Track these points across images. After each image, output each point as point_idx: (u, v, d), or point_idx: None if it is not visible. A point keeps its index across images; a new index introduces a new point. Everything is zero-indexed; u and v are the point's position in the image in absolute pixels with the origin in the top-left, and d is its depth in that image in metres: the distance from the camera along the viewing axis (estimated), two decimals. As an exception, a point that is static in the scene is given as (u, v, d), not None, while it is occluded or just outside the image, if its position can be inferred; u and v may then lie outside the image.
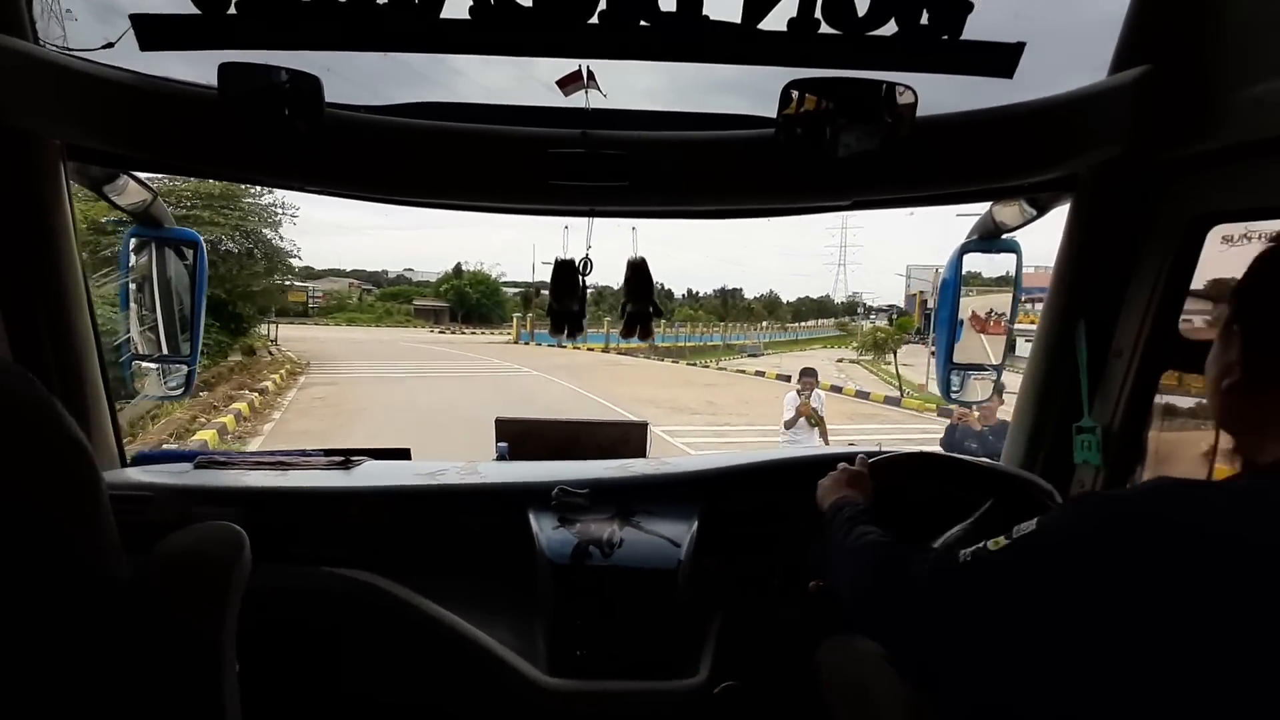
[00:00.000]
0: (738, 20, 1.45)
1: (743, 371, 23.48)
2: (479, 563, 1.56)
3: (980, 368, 2.13)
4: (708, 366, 28.10)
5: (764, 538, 1.59)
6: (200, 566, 0.71)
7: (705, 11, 1.44)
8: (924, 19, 1.42)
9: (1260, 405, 0.67)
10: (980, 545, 0.75)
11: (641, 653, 1.32)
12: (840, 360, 30.86)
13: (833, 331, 54.33)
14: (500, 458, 1.87)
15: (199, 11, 1.38)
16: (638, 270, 1.81)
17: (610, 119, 1.65)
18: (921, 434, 12.21)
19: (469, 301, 50.23)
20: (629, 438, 1.95)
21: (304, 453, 1.82)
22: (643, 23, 1.45)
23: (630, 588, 1.35)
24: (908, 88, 1.47)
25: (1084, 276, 1.61)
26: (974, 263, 2.15)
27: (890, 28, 1.43)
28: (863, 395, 18.31)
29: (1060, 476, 1.66)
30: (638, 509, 1.53)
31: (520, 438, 1.93)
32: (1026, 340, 1.97)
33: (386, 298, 55.59)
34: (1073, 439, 1.62)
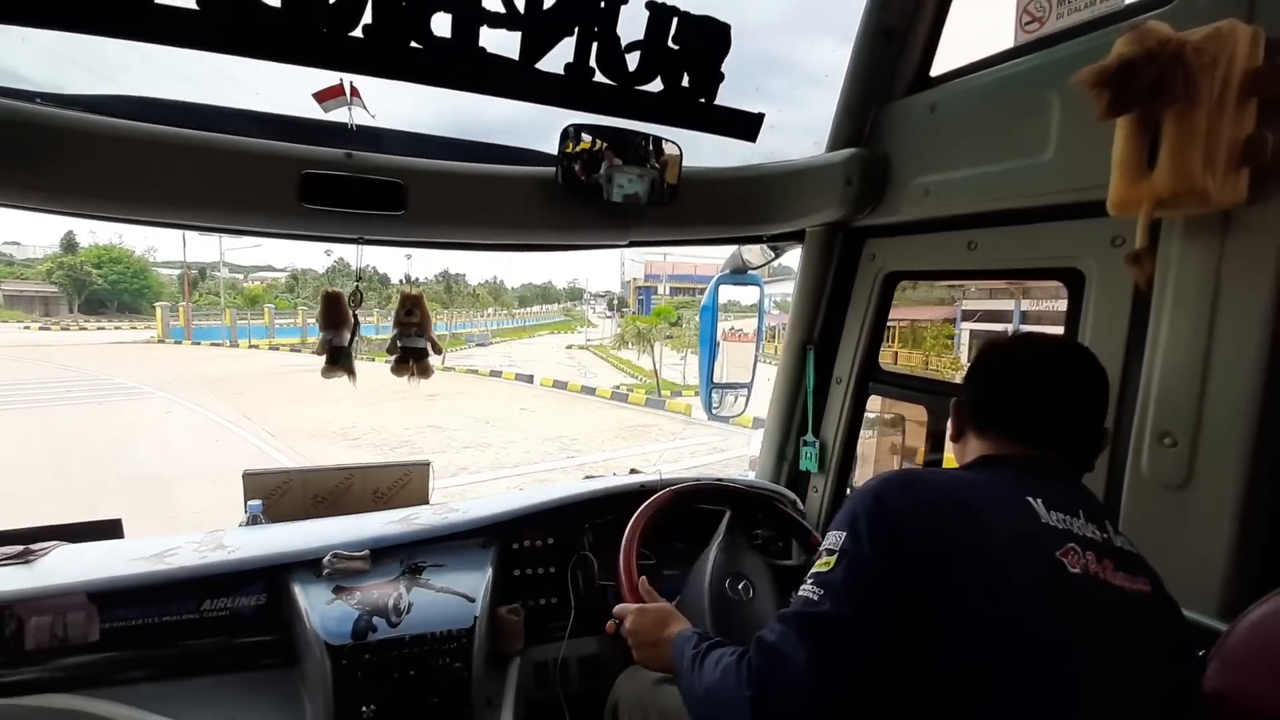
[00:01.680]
0: (515, 57, 1.44)
1: (475, 371, 18.44)
2: (232, 656, 1.30)
3: (736, 386, 2.41)
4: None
5: (560, 578, 1.58)
6: None
7: (483, 43, 1.41)
8: (685, 81, 1.58)
9: (964, 444, 0.98)
10: (808, 579, 0.81)
11: None
12: (570, 347, 28.99)
13: (559, 317, 53.03)
14: (252, 520, 1.58)
15: None
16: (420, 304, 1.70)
17: (380, 140, 1.53)
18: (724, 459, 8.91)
19: (90, 286, 37.69)
20: (410, 480, 1.80)
21: (-50, 546, 1.35)
22: (413, 44, 1.36)
23: (423, 656, 1.22)
24: (673, 142, 1.63)
25: (812, 314, 1.92)
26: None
27: (656, 85, 1.56)
28: (620, 397, 14.56)
29: (800, 484, 1.97)
30: (426, 565, 1.41)
31: (277, 492, 1.66)
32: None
33: None
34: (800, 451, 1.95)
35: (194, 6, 1.20)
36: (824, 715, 0.74)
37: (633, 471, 1.93)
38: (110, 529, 1.56)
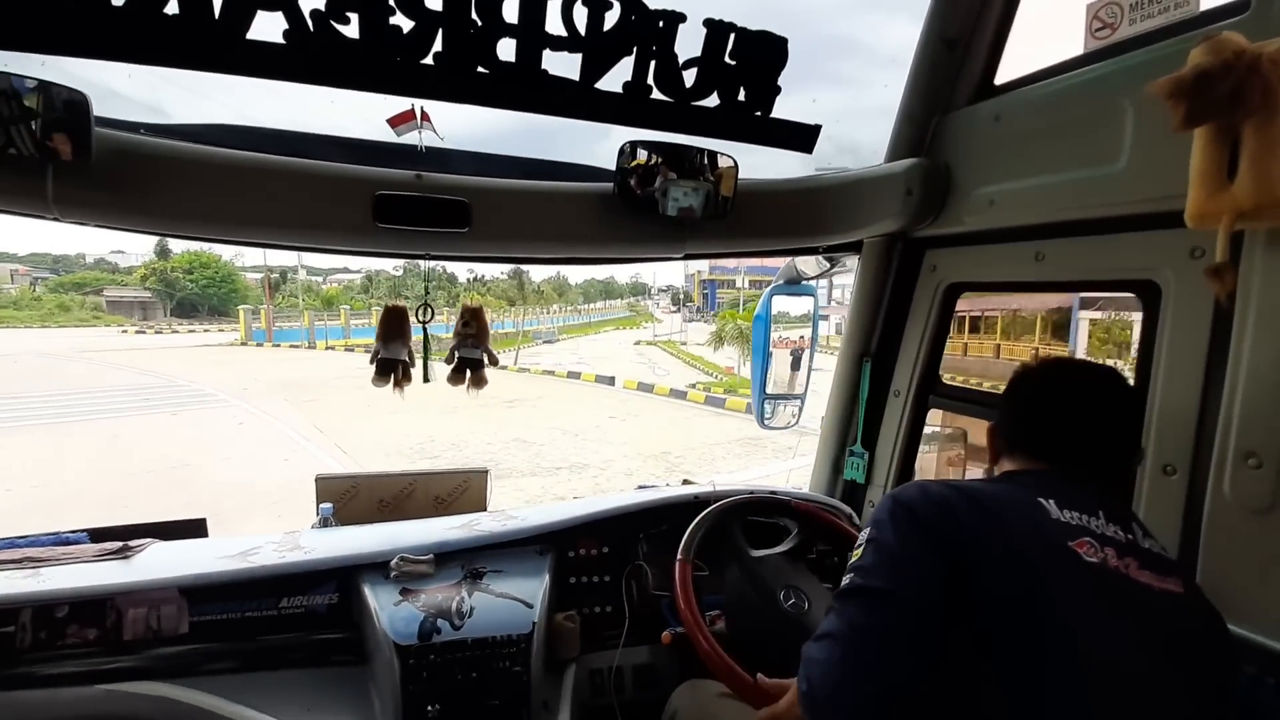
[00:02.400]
0: (576, 78, 1.48)
1: (551, 373, 18.11)
2: (307, 652, 1.37)
3: (788, 398, 2.40)
4: (503, 368, 22.51)
5: (615, 587, 1.61)
6: None
7: (545, 66, 1.46)
8: (741, 95, 1.59)
9: (998, 468, 1.02)
10: (845, 575, 0.85)
11: None
12: (638, 343, 29.21)
13: (623, 313, 52.77)
14: (324, 522, 1.66)
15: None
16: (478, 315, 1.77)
17: (447, 160, 1.61)
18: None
19: (180, 290, 38.84)
20: (469, 487, 1.86)
21: (61, 539, 1.47)
22: (480, 69, 1.43)
23: (484, 659, 1.26)
24: (729, 155, 1.65)
25: (869, 325, 1.90)
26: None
27: (713, 100, 1.58)
28: (715, 401, 13.58)
29: (857, 498, 1.94)
30: (487, 570, 1.45)
31: (346, 496, 1.75)
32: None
33: (64, 288, 40.89)
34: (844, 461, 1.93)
35: (280, 40, 1.29)
36: (869, 704, 0.76)
37: (685, 482, 1.94)
38: (196, 528, 1.67)
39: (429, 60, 1.38)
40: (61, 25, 1.19)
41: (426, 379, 1.66)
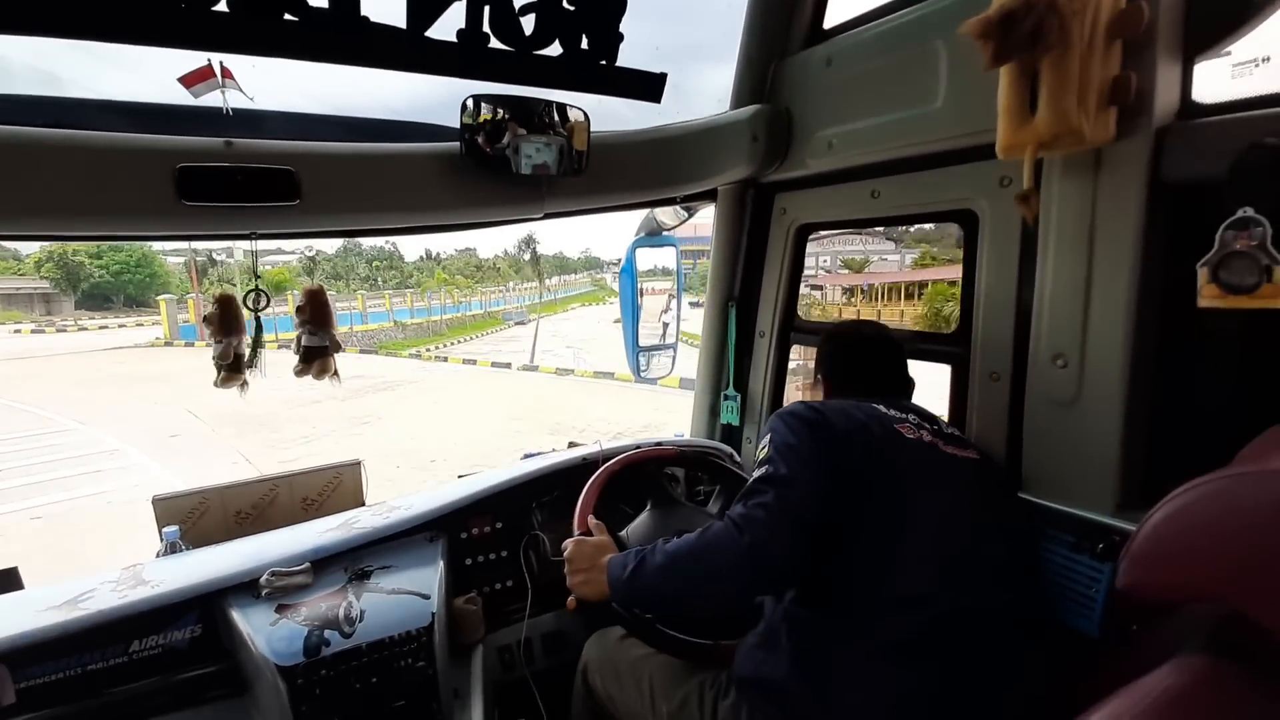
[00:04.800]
0: (402, 25, 1.35)
1: (534, 368, 16.01)
2: (171, 695, 1.21)
3: (661, 347, 2.44)
4: (472, 361, 18.18)
5: (514, 560, 1.58)
6: None
7: (365, 13, 1.31)
8: (584, 44, 1.54)
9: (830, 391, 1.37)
10: (753, 478, 1.06)
11: None
12: (617, 320, 27.71)
13: (587, 287, 50.90)
14: (171, 548, 1.46)
15: None
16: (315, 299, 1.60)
17: (263, 124, 1.41)
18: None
19: (85, 279, 32.23)
20: (341, 482, 1.71)
21: None
22: (288, 16, 1.25)
23: (384, 661, 1.19)
24: (579, 108, 1.59)
25: (730, 271, 1.97)
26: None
27: (556, 49, 1.51)
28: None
29: (734, 437, 2.04)
30: (374, 568, 1.36)
31: (194, 515, 1.54)
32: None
33: None
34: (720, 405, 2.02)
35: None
36: (797, 539, 0.99)
37: (571, 445, 1.93)
38: (7, 580, 1.40)
39: (222, 7, 1.19)
40: None
41: (251, 365, 1.49)
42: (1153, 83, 0.99)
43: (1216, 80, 1.06)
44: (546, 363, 17.11)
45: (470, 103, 1.48)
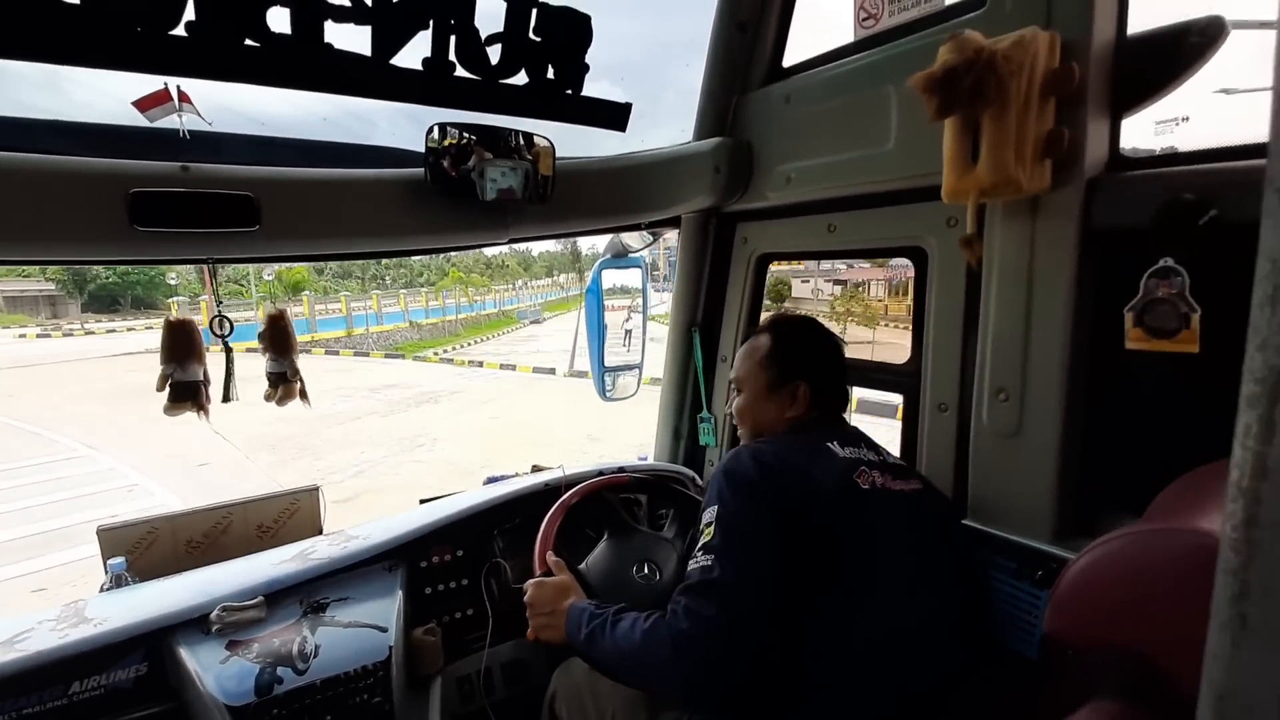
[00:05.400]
0: (367, 53, 1.35)
1: (581, 374, 14.54)
2: None
3: (627, 367, 2.46)
4: (511, 366, 16.89)
5: (475, 588, 1.57)
6: None
7: (329, 40, 1.31)
8: (550, 74, 1.56)
9: (795, 421, 1.25)
10: (697, 548, 1.01)
11: None
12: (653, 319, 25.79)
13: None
14: (116, 581, 1.41)
15: None
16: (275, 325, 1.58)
17: (221, 147, 1.39)
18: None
19: (92, 280, 31.21)
20: (298, 509, 1.68)
21: None
22: (249, 41, 1.24)
23: (338, 699, 1.17)
24: (544, 136, 1.61)
25: (694, 297, 2.00)
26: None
27: (522, 78, 1.53)
28: None
29: (697, 459, 2.07)
30: (329, 600, 1.34)
31: (141, 545, 1.49)
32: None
33: None
34: (698, 428, 2.05)
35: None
36: (741, 656, 0.94)
37: (535, 469, 1.93)
38: None
39: (180, 31, 1.18)
40: None
41: (226, 398, 1.46)
42: (1084, 137, 1.06)
43: (1142, 136, 1.14)
44: (579, 364, 15.98)
45: (436, 129, 1.49)
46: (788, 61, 1.69)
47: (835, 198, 1.56)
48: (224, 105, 1.36)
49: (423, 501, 1.73)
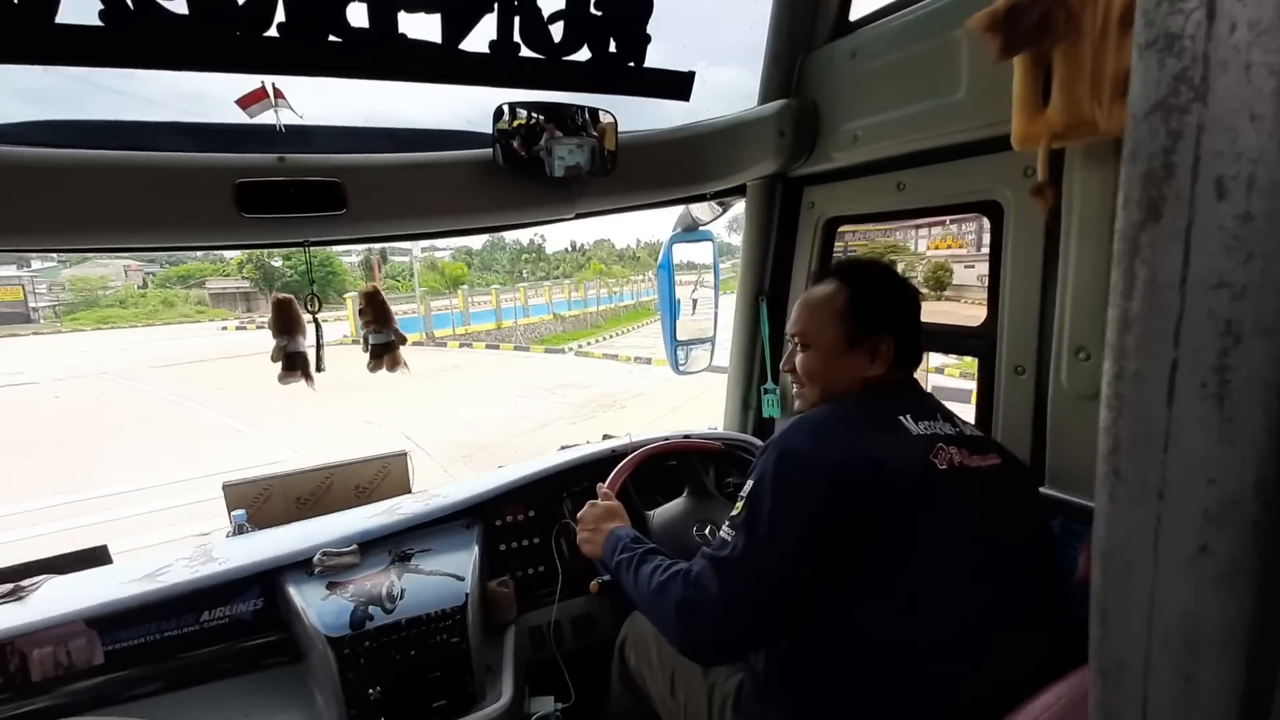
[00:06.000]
0: (438, 40, 1.43)
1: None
2: (237, 660, 1.35)
3: (700, 341, 2.47)
4: (648, 361, 15.20)
5: (545, 547, 1.66)
6: None
7: (402, 30, 1.40)
8: (612, 47, 1.58)
9: (876, 381, 1.12)
10: (730, 514, 0.99)
11: (444, 695, 1.30)
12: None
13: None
14: (238, 529, 1.61)
15: None
16: (373, 299, 1.71)
17: (312, 139, 1.52)
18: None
19: (278, 278, 33.00)
20: (390, 472, 1.84)
21: (-63, 592, 1.36)
22: (332, 38, 1.35)
23: (421, 636, 1.29)
24: (608, 111, 1.64)
25: (760, 265, 1.98)
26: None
27: (584, 54, 1.56)
28: None
29: (766, 430, 2.06)
30: (415, 551, 1.47)
31: (259, 500, 1.69)
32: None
33: (170, 282, 36.21)
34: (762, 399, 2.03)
35: (97, 23, 1.17)
36: (732, 635, 0.96)
37: (605, 437, 1.99)
38: (97, 556, 1.58)
39: (273, 33, 1.29)
40: None
41: (320, 369, 1.61)
42: None
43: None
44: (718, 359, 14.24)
45: (505, 108, 1.55)
46: (854, 15, 1.63)
47: (904, 154, 1.49)
48: (313, 98, 1.48)
49: (500, 467, 1.84)
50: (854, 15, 1.63)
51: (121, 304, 33.29)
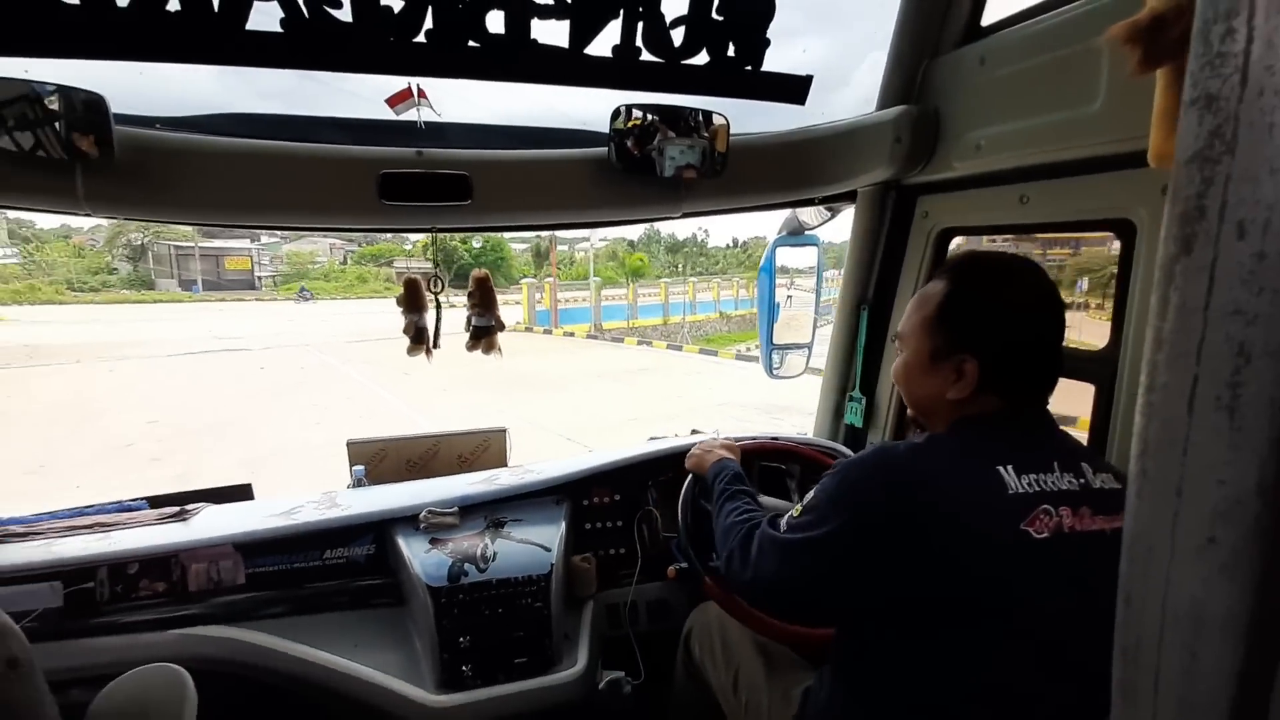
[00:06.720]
0: (565, 45, 1.52)
1: None
2: (350, 597, 1.52)
3: (796, 346, 2.45)
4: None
5: (628, 530, 1.73)
6: None
7: (534, 35, 1.50)
8: (730, 51, 1.61)
9: (963, 406, 0.96)
10: (790, 512, 1.00)
11: (525, 654, 1.40)
12: None
13: None
14: (358, 482, 1.81)
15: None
16: (483, 285, 1.85)
17: (447, 135, 1.66)
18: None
19: (457, 260, 32.83)
20: (489, 446, 1.98)
21: (124, 506, 1.63)
22: (471, 43, 1.47)
23: (508, 597, 1.41)
24: (721, 114, 1.67)
25: (865, 273, 1.94)
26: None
27: (702, 57, 1.60)
28: None
29: (858, 443, 2.02)
30: (507, 519, 1.59)
31: (376, 458, 1.88)
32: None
33: (364, 259, 39.50)
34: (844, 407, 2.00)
35: (278, 29, 1.35)
36: (757, 600, 1.08)
37: (694, 432, 2.03)
38: (244, 492, 1.82)
39: (421, 39, 1.43)
40: (71, 30, 1.26)
41: (436, 344, 1.75)
42: None
43: None
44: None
45: (622, 109, 1.63)
46: (986, 20, 1.56)
47: (1029, 165, 1.42)
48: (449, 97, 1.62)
49: (589, 451, 1.94)
50: (986, 20, 1.56)
51: (325, 277, 37.16)
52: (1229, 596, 0.32)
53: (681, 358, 15.58)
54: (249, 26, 1.34)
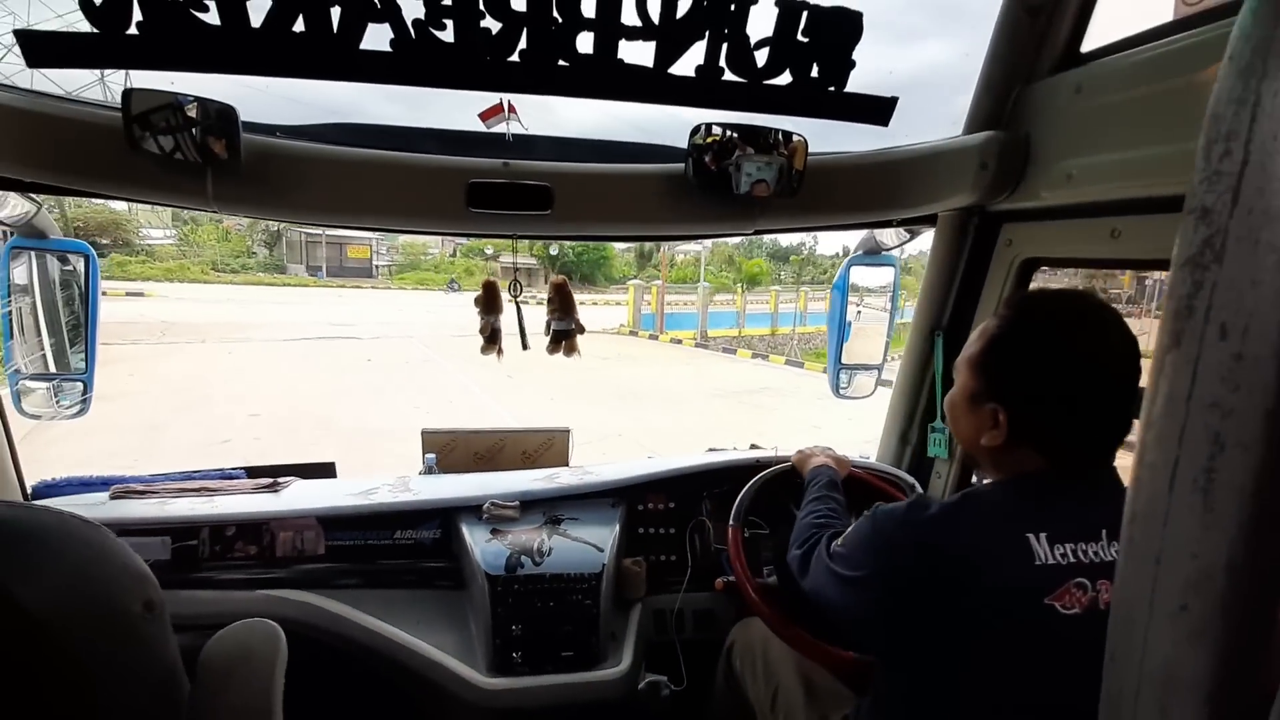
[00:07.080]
0: (650, 64, 1.57)
1: None
2: (416, 576, 1.64)
3: (865, 367, 2.41)
4: None
5: (680, 538, 1.77)
6: (249, 678, 0.66)
7: (620, 55, 1.55)
8: (814, 72, 1.61)
9: (999, 456, 0.94)
10: (846, 529, 1.04)
11: (572, 648, 1.47)
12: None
13: None
14: (429, 470, 1.93)
15: (95, 30, 1.33)
16: (561, 290, 1.92)
17: (532, 147, 1.75)
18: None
19: (560, 258, 32.92)
20: (552, 445, 2.07)
21: (225, 474, 1.81)
22: (561, 62, 1.54)
23: (560, 592, 1.48)
24: (800, 135, 1.68)
25: (941, 299, 1.90)
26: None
27: (785, 78, 1.61)
28: None
29: (923, 470, 1.97)
30: (564, 517, 1.66)
31: (447, 448, 2.00)
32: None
33: (472, 253, 38.84)
34: (928, 437, 1.94)
35: (388, 49, 1.47)
36: (829, 614, 1.06)
37: (753, 446, 2.04)
38: (327, 470, 1.97)
39: (515, 58, 1.52)
40: (208, 47, 1.41)
41: (525, 346, 1.83)
42: None
43: None
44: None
45: (703, 127, 1.66)
46: (1085, 47, 1.50)
47: (1123, 199, 1.36)
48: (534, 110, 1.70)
49: (649, 458, 1.98)
50: (1085, 48, 1.50)
51: (435, 269, 38.93)
52: (1196, 661, 0.35)
53: (803, 375, 13.88)
54: (362, 46, 1.46)
